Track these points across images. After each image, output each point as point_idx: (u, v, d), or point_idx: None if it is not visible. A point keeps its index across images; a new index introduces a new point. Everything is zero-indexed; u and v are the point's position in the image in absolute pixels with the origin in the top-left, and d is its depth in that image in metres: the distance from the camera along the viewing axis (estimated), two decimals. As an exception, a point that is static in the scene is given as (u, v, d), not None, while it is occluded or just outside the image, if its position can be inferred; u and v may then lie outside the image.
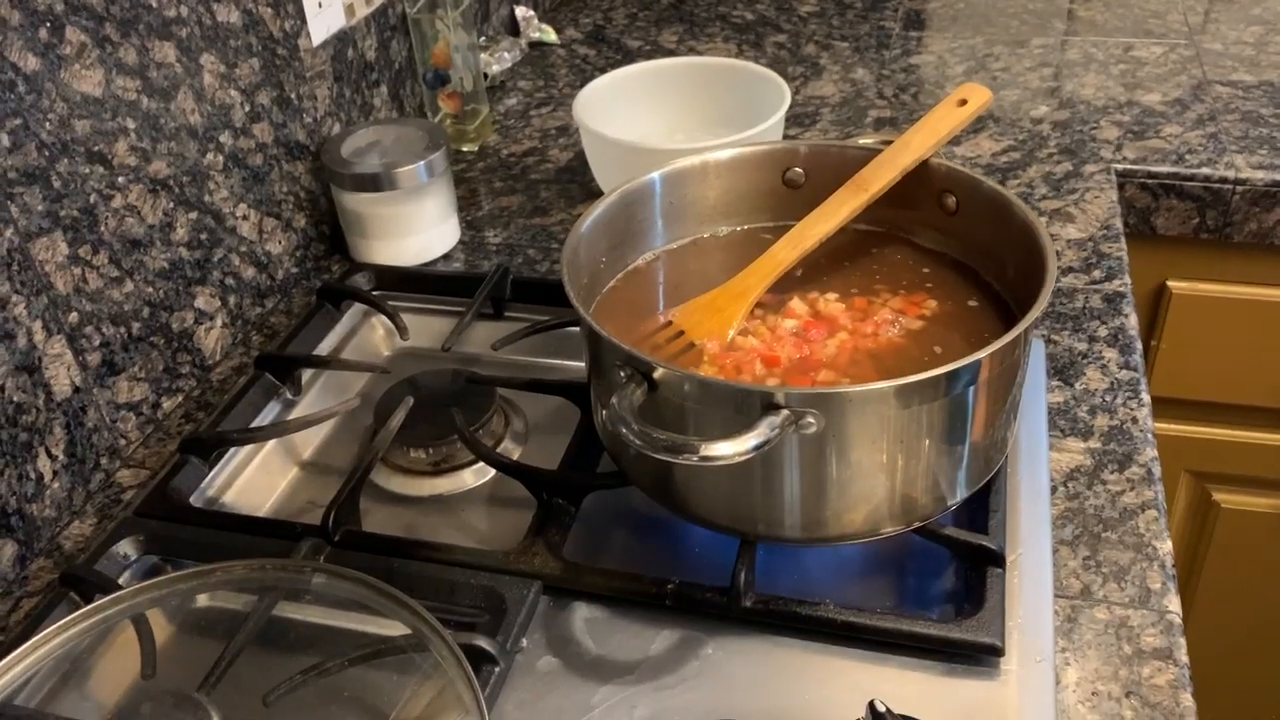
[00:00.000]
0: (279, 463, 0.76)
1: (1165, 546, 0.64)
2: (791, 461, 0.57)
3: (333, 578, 0.59)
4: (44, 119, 0.67)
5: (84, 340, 0.72)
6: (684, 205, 0.73)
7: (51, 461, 0.70)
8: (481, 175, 1.09)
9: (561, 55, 1.34)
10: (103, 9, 0.71)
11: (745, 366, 0.64)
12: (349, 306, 0.88)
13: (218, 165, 0.83)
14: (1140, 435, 0.71)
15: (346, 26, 1.00)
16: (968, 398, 0.57)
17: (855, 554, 0.66)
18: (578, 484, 0.68)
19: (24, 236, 0.67)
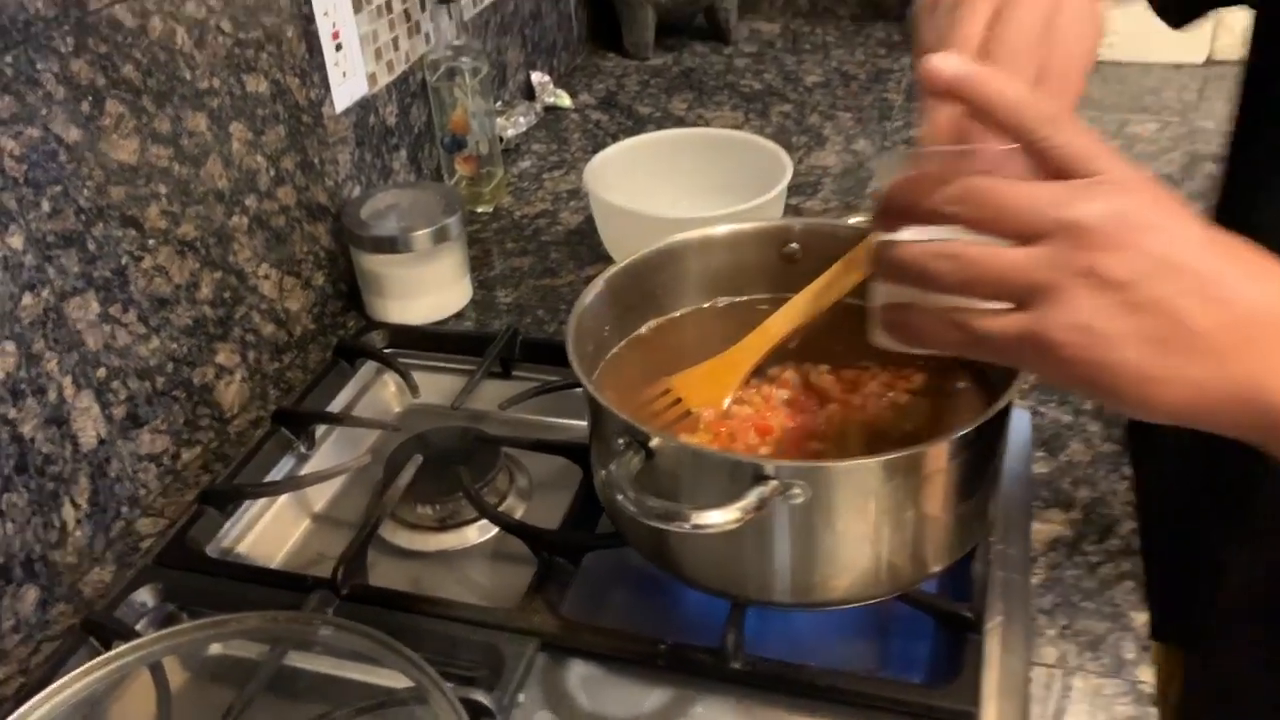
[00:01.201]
0: (292, 515, 0.80)
1: (1140, 618, 0.66)
2: (781, 529, 0.60)
3: (340, 630, 0.62)
4: (82, 186, 0.71)
5: (110, 394, 0.76)
6: (685, 277, 0.77)
7: (75, 510, 0.73)
8: (494, 236, 1.13)
9: (575, 120, 1.39)
10: (141, 83, 0.75)
11: (739, 434, 0.67)
12: (363, 363, 0.91)
13: (242, 227, 0.87)
14: (1121, 508, 0.74)
15: (369, 94, 1.04)
16: (949, 472, 0.60)
17: (843, 617, 0.69)
18: (577, 544, 0.71)
19: (59, 296, 0.70)
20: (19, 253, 0.67)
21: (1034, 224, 0.42)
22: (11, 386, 0.67)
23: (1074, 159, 0.42)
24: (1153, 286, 0.41)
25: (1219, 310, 0.41)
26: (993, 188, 0.43)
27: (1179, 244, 0.42)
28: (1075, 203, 0.41)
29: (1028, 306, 0.43)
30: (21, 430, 0.68)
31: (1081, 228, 0.41)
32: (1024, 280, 0.42)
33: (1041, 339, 0.42)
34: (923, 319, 0.47)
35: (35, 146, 0.67)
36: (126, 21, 0.73)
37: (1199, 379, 0.42)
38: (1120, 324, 0.41)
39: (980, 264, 0.43)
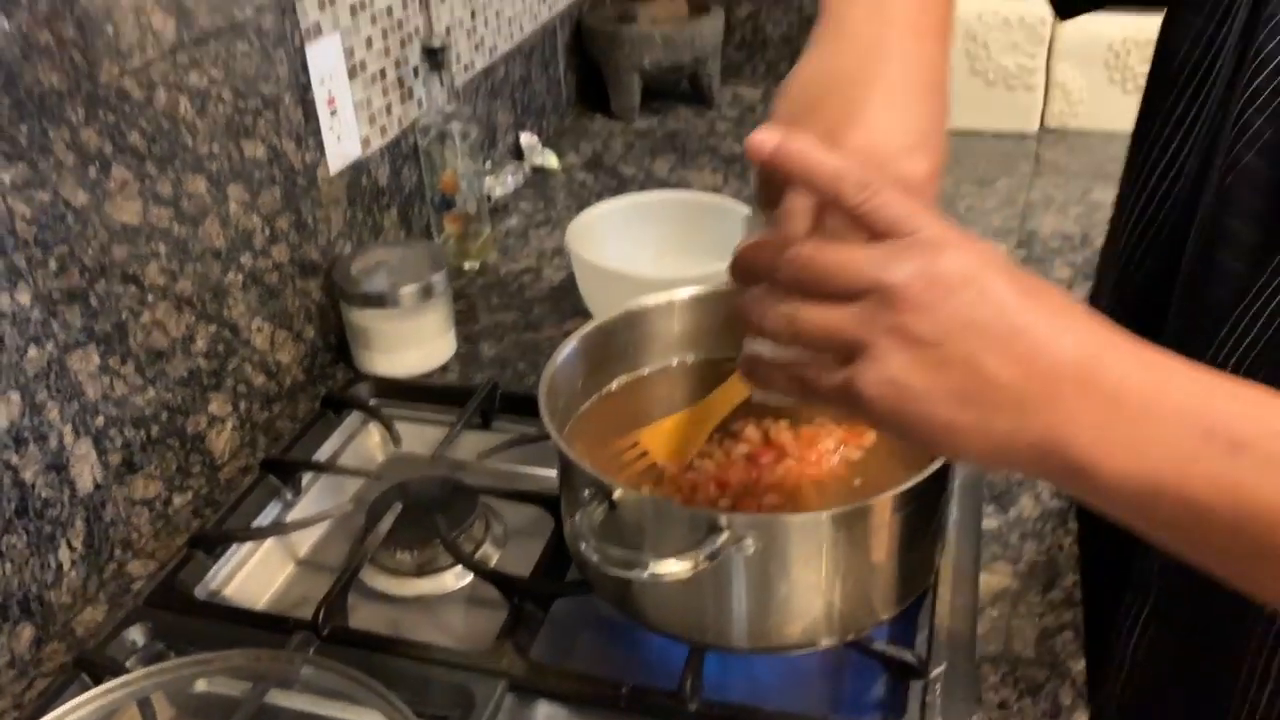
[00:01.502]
0: (277, 559, 0.83)
1: (1078, 665, 0.70)
2: (736, 578, 0.63)
3: (320, 669, 0.65)
4: (87, 246, 0.76)
5: (108, 441, 0.79)
6: (654, 336, 0.81)
7: (71, 552, 0.77)
8: (480, 292, 1.18)
9: (561, 180, 1.45)
10: (145, 149, 0.80)
11: (701, 487, 0.71)
12: (349, 413, 0.95)
13: (237, 283, 0.92)
14: (1064, 562, 0.78)
15: (362, 157, 1.10)
16: (894, 524, 0.64)
17: (798, 662, 0.72)
18: (547, 590, 0.75)
19: (62, 349, 0.75)
20: (26, 308, 0.71)
21: (850, 284, 0.45)
22: (15, 434, 0.71)
23: (891, 222, 0.45)
24: (957, 345, 0.43)
25: (1021, 366, 0.43)
26: (814, 254, 0.46)
27: (985, 303, 0.44)
28: (887, 265, 0.44)
29: (847, 362, 0.46)
30: (23, 475, 0.72)
31: (892, 288, 0.44)
32: (841, 338, 0.45)
33: (857, 393, 0.45)
34: (769, 369, 0.51)
35: (45, 209, 0.72)
36: (134, 93, 0.79)
37: (1003, 430, 0.44)
38: (927, 380, 0.44)
39: (804, 321, 0.46)
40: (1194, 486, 0.42)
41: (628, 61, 1.57)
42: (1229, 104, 0.60)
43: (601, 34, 1.59)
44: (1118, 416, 0.43)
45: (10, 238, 0.70)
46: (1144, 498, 0.43)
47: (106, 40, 0.76)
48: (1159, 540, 0.46)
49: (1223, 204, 0.60)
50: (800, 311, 0.47)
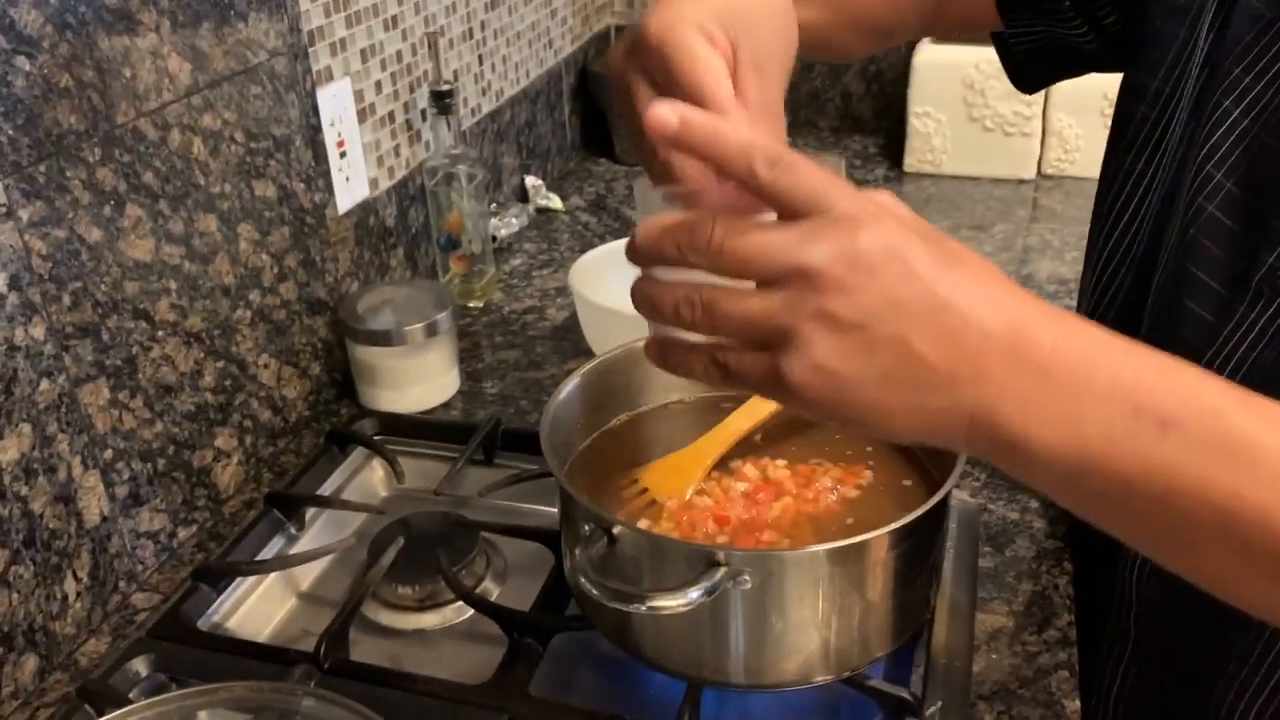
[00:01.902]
0: (279, 592, 0.84)
1: (1073, 705, 0.70)
2: (733, 614, 0.64)
3: (321, 702, 0.66)
4: (100, 282, 0.78)
5: (115, 474, 0.81)
6: (654, 375, 0.82)
7: (76, 583, 0.78)
8: (484, 330, 1.20)
9: (565, 221, 1.47)
10: (159, 188, 0.82)
11: (699, 523, 0.72)
12: (353, 449, 0.96)
13: (246, 320, 0.94)
14: (1060, 601, 0.78)
15: (370, 197, 1.12)
16: (890, 561, 0.65)
17: (795, 698, 0.73)
18: (546, 625, 0.75)
19: (73, 383, 0.76)
20: (40, 342, 0.73)
21: (768, 270, 0.43)
22: (25, 465, 0.73)
23: (804, 198, 0.43)
24: (884, 326, 0.42)
25: (949, 342, 0.42)
26: (727, 236, 0.43)
27: (908, 280, 0.42)
28: (805, 246, 0.42)
29: (771, 348, 0.44)
30: (32, 506, 0.73)
31: (812, 271, 0.42)
32: (764, 325, 0.44)
33: (786, 380, 0.44)
34: (686, 355, 0.49)
35: (60, 246, 0.74)
36: (150, 134, 0.81)
37: (934, 408, 0.44)
38: (856, 364, 0.43)
39: (723, 310, 0.44)
40: (1121, 464, 0.42)
41: (631, 106, 1.60)
42: (1188, 158, 0.62)
43: (606, 79, 1.62)
44: (1047, 389, 0.43)
45: (27, 273, 0.71)
46: (1072, 473, 0.43)
47: (124, 83, 0.78)
48: (1088, 516, 0.46)
49: (1187, 253, 0.61)
50: (718, 299, 0.44)
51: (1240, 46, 0.59)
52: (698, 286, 0.45)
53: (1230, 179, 0.58)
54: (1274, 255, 0.56)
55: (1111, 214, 0.71)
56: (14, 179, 0.70)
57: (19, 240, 0.71)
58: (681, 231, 0.45)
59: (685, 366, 0.49)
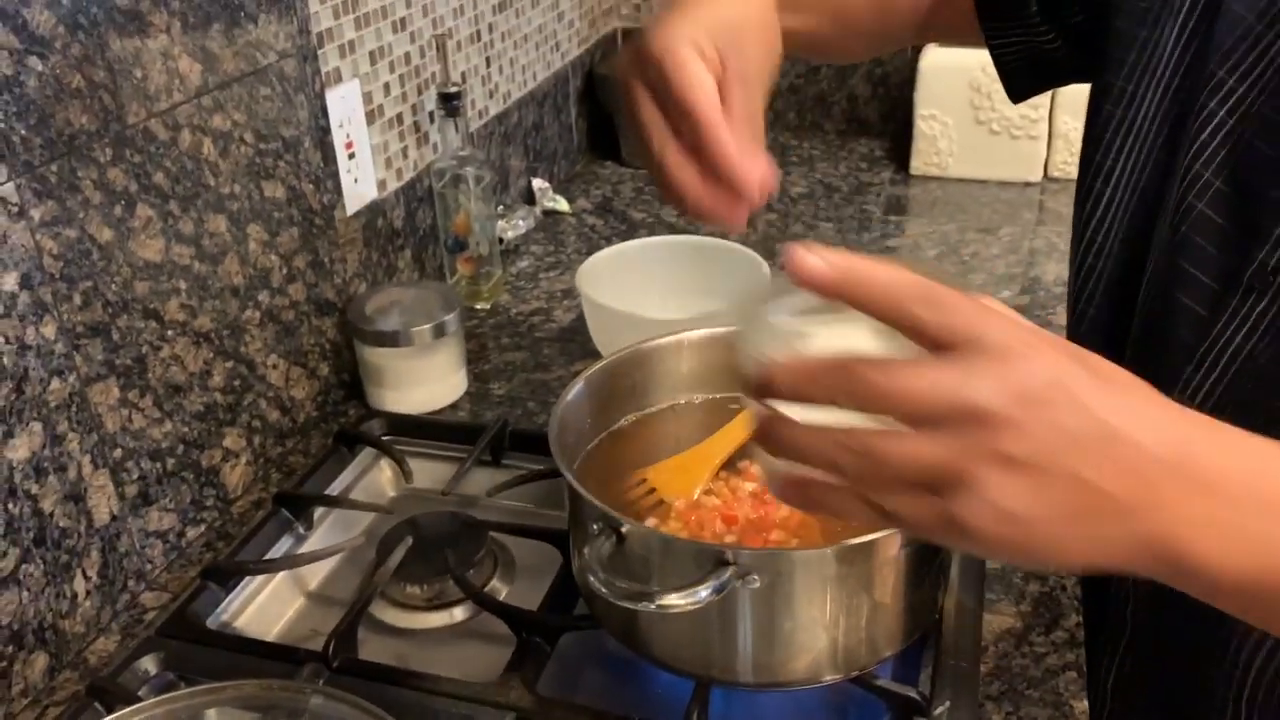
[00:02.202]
0: (288, 592, 0.84)
1: (1081, 705, 0.70)
2: (741, 613, 0.64)
3: (329, 700, 0.66)
4: (111, 281, 0.78)
5: (124, 474, 0.81)
6: (661, 375, 0.83)
7: (86, 582, 0.78)
8: (491, 331, 1.20)
9: (572, 223, 1.47)
10: (169, 188, 0.83)
11: (707, 523, 0.72)
12: (361, 449, 0.97)
13: (255, 320, 0.94)
14: (1067, 602, 0.78)
15: (378, 198, 1.12)
16: (898, 562, 0.65)
17: (803, 698, 0.73)
18: (554, 625, 0.75)
19: (84, 382, 0.76)
20: (50, 341, 0.73)
21: (934, 412, 0.42)
22: (36, 464, 0.73)
23: (954, 333, 0.42)
24: (1058, 461, 0.41)
25: (1123, 473, 0.42)
26: (881, 377, 0.42)
27: (1077, 410, 0.42)
28: (970, 384, 0.41)
29: (940, 492, 0.42)
30: (42, 505, 0.74)
31: (981, 411, 0.41)
32: (933, 471, 0.42)
33: (960, 524, 0.42)
34: (832, 496, 0.46)
35: (71, 246, 0.74)
36: (160, 134, 0.81)
37: (1112, 537, 0.43)
38: (1033, 503, 0.42)
39: (886, 456, 0.43)
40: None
41: (638, 109, 1.60)
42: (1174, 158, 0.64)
43: (613, 82, 1.62)
44: (1219, 510, 0.43)
45: (38, 272, 0.72)
46: (1253, 589, 0.43)
47: (135, 84, 0.78)
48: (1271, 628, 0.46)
49: (1178, 249, 0.63)
50: (878, 444, 0.43)
51: (1223, 52, 0.61)
52: (850, 431, 0.43)
53: (1219, 178, 0.60)
54: (1264, 251, 0.58)
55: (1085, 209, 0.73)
56: (26, 178, 0.70)
57: (31, 240, 0.71)
58: (831, 373, 0.43)
59: (833, 508, 0.46)
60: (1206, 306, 0.61)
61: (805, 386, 0.44)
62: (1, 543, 0.71)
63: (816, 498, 0.46)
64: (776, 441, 0.46)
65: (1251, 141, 0.60)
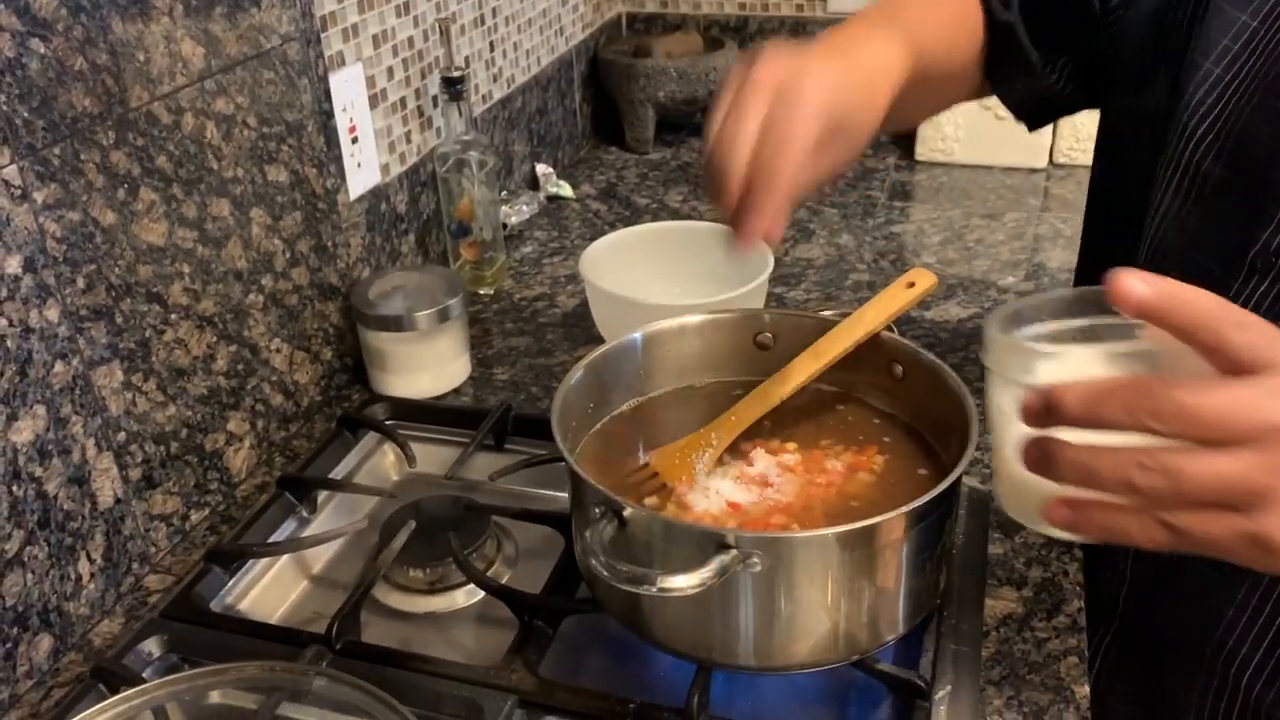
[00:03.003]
0: (291, 575, 0.85)
1: (1082, 690, 0.70)
2: (743, 596, 0.64)
3: (333, 682, 0.66)
4: (114, 265, 0.78)
5: (128, 457, 0.81)
6: (664, 360, 0.83)
7: (90, 565, 0.78)
8: (494, 316, 1.20)
9: (576, 209, 1.47)
10: (172, 172, 0.83)
11: (709, 507, 0.72)
12: (365, 434, 0.97)
13: (258, 304, 0.94)
14: (1069, 588, 0.78)
15: (381, 183, 1.12)
16: (899, 546, 0.65)
17: (804, 682, 0.73)
18: (556, 608, 0.76)
19: (87, 365, 0.77)
20: (54, 324, 0.73)
21: (1239, 431, 0.43)
22: (40, 447, 0.73)
23: (1256, 356, 0.44)
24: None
25: None
26: (1186, 396, 0.43)
27: None
28: (1270, 404, 0.43)
29: (1241, 510, 0.44)
30: (46, 488, 0.74)
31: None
32: (1240, 489, 0.43)
33: (1264, 539, 0.44)
34: (1116, 519, 0.46)
35: (75, 229, 0.74)
36: (163, 117, 0.81)
37: None
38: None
39: (1193, 476, 0.43)
40: None
41: (642, 94, 1.60)
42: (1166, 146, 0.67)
43: (617, 67, 1.62)
44: None
45: (41, 255, 0.72)
46: None
47: (137, 66, 0.78)
48: None
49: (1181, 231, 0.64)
50: (1181, 463, 0.44)
51: (1219, 49, 0.63)
52: (1148, 451, 0.44)
53: (1219, 164, 0.61)
54: (1267, 233, 0.59)
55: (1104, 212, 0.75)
56: (29, 161, 0.70)
57: (34, 223, 0.71)
58: (1131, 395, 0.44)
59: (1116, 528, 0.47)
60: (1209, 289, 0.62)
61: (1099, 407, 0.44)
62: (6, 525, 0.71)
63: (1097, 518, 0.47)
64: (1059, 464, 0.46)
65: (1249, 129, 0.61)
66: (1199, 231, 0.63)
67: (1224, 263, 0.61)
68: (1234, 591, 0.65)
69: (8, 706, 0.72)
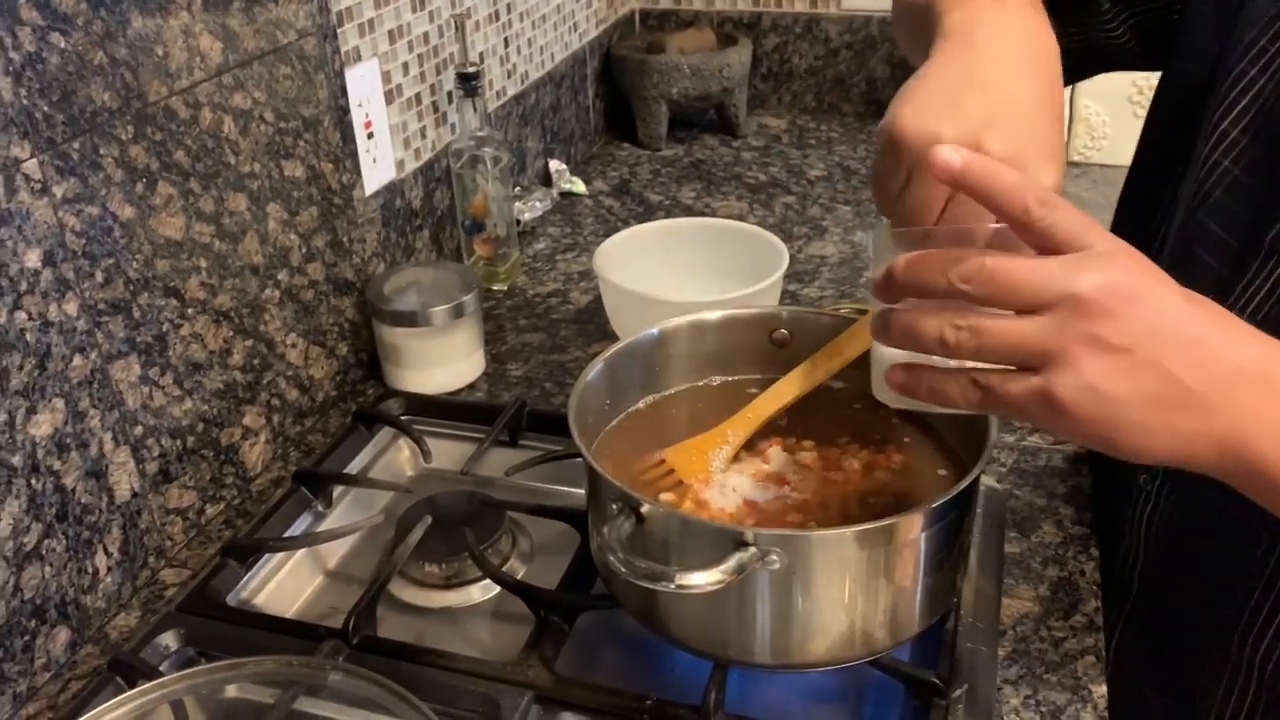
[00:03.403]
0: (307, 570, 0.85)
1: (1100, 690, 0.70)
2: (760, 594, 0.64)
3: (349, 677, 0.66)
4: (132, 259, 0.78)
5: (145, 451, 0.81)
6: (680, 357, 0.82)
7: (107, 558, 0.79)
8: (508, 313, 1.20)
9: (589, 205, 1.47)
10: (190, 166, 0.83)
11: (726, 504, 0.72)
12: (380, 429, 0.97)
13: (274, 299, 0.94)
14: (1086, 587, 0.78)
15: (396, 179, 1.12)
16: (918, 545, 0.65)
17: (821, 680, 0.73)
18: (572, 604, 0.75)
19: (105, 359, 0.77)
20: (72, 318, 0.74)
21: (1039, 297, 0.47)
22: (58, 440, 0.73)
23: (1066, 235, 0.48)
24: (1148, 350, 0.47)
25: (1206, 370, 0.47)
26: (1000, 266, 0.47)
27: (1166, 312, 0.47)
28: (1073, 276, 0.46)
29: (1038, 370, 0.48)
30: (64, 481, 0.74)
31: (1081, 299, 0.46)
32: (1035, 347, 0.47)
33: (1054, 399, 0.47)
34: (940, 380, 0.52)
35: (93, 223, 0.74)
36: (181, 112, 0.81)
37: (1190, 431, 0.47)
38: (1122, 384, 0.47)
39: (995, 334, 0.48)
40: None
41: (655, 91, 1.60)
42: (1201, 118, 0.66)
43: (630, 63, 1.61)
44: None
45: (61, 249, 0.72)
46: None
47: (156, 61, 0.78)
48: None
49: (1202, 206, 0.64)
50: (986, 324, 0.48)
51: (1266, 19, 0.63)
52: (961, 312, 0.49)
53: (1247, 136, 0.62)
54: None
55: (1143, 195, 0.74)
56: (48, 155, 0.70)
57: (53, 216, 0.71)
58: (949, 262, 0.49)
59: (938, 392, 0.52)
60: (1228, 267, 0.62)
61: (924, 274, 0.50)
62: (25, 518, 0.71)
63: (924, 379, 0.52)
64: (893, 326, 0.52)
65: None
66: (1224, 208, 0.63)
67: (1245, 241, 0.61)
68: (1249, 570, 0.65)
69: (26, 698, 0.72)
